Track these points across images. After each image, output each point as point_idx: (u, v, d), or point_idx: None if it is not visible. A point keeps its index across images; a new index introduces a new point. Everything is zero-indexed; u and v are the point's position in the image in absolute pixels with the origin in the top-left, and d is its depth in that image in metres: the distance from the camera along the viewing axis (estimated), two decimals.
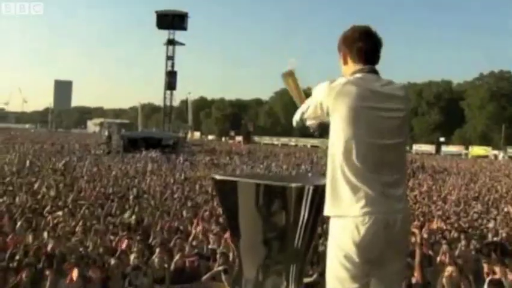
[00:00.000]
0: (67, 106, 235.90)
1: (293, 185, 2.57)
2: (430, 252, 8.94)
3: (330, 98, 2.52)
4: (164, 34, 63.38)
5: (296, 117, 2.82)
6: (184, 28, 62.89)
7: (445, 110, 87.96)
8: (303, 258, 2.68)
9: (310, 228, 2.62)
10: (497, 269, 6.54)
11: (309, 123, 2.76)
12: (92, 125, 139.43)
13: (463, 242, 9.79)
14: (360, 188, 2.40)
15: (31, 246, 7.98)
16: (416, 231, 5.31)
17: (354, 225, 2.37)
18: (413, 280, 5.37)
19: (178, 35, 64.35)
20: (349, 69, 2.68)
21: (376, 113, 2.51)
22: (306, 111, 2.73)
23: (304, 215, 2.55)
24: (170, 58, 62.26)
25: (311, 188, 2.55)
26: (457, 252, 9.15)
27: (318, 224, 2.70)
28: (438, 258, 9.00)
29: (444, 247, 9.27)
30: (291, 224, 2.57)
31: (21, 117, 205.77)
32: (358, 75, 2.61)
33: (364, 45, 2.64)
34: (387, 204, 2.42)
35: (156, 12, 62.80)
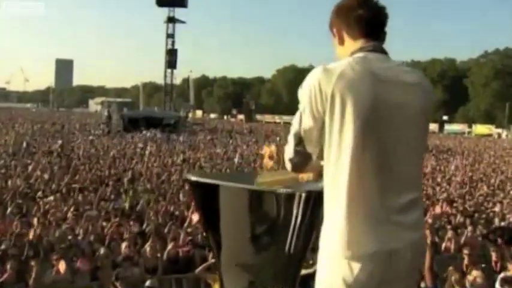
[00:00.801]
0: (69, 85, 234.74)
1: (282, 190, 2.15)
2: (436, 239, 8.61)
3: (330, 82, 1.84)
4: (164, 11, 62.51)
5: (288, 153, 2.04)
6: (184, 5, 61.83)
7: (448, 88, 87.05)
8: (294, 274, 2.28)
9: (303, 237, 2.22)
10: (510, 266, 6.16)
11: (310, 149, 1.99)
12: (94, 104, 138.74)
13: (469, 228, 9.43)
14: (357, 217, 1.85)
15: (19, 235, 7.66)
16: (427, 232, 4.86)
17: (345, 262, 1.85)
18: (422, 284, 4.99)
19: (179, 13, 63.47)
20: (347, 50, 2.03)
21: (386, 109, 1.86)
22: (299, 125, 1.97)
23: (295, 225, 2.14)
24: (170, 36, 61.38)
25: (303, 195, 2.11)
26: (463, 239, 8.79)
27: (313, 231, 2.28)
28: (444, 245, 8.67)
29: (450, 233, 8.94)
30: (280, 234, 2.18)
31: (23, 96, 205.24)
32: (359, 54, 1.96)
33: (365, 13, 1.99)
34: (393, 235, 1.87)
35: None
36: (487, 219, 10.78)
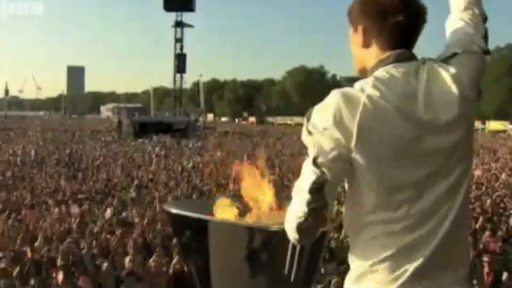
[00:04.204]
0: (80, 92, 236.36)
1: (275, 228, 1.85)
2: None
3: (353, 119, 1.48)
4: (172, 16, 62.69)
5: (297, 216, 1.54)
6: (192, 9, 61.97)
7: None
8: None
9: (303, 278, 1.93)
10: None
11: (313, 205, 1.50)
12: (105, 110, 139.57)
13: (487, 233, 9.01)
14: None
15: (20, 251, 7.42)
16: None
17: None
18: None
19: (187, 17, 63.59)
20: (371, 56, 1.63)
21: (426, 140, 1.54)
22: (317, 173, 1.51)
23: (292, 267, 1.85)
24: (179, 41, 61.58)
25: None
26: (481, 245, 8.39)
27: (315, 270, 1.99)
28: None
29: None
30: (276, 276, 1.90)
31: (35, 104, 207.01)
32: (388, 68, 1.57)
33: (405, 19, 1.59)
34: None
35: None
36: (507, 222, 10.35)
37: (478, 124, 79.44)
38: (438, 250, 1.55)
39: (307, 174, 1.52)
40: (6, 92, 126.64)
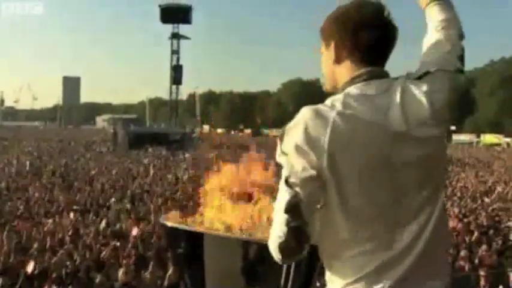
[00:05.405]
0: (76, 102, 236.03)
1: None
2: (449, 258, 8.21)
3: (323, 138, 1.46)
4: (169, 28, 63.04)
5: (277, 235, 1.51)
6: (188, 21, 62.32)
7: None
8: None
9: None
10: None
11: (292, 224, 1.47)
12: (101, 121, 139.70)
13: (483, 247, 9.00)
14: None
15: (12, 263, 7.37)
16: None
17: None
18: None
19: (183, 29, 63.95)
20: (344, 73, 1.63)
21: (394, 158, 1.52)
22: (293, 190, 1.48)
23: (288, 279, 1.84)
24: (175, 52, 61.79)
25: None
26: (477, 260, 8.38)
27: (311, 282, 1.97)
28: (457, 264, 8.26)
29: (463, 252, 8.54)
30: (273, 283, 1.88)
31: (31, 114, 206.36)
32: (360, 85, 1.56)
33: (378, 36, 1.60)
34: None
35: (160, 6, 62.31)
36: (504, 235, 10.37)
37: (472, 137, 79.71)
38: (415, 266, 1.53)
39: (282, 195, 1.50)
40: (2, 102, 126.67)
